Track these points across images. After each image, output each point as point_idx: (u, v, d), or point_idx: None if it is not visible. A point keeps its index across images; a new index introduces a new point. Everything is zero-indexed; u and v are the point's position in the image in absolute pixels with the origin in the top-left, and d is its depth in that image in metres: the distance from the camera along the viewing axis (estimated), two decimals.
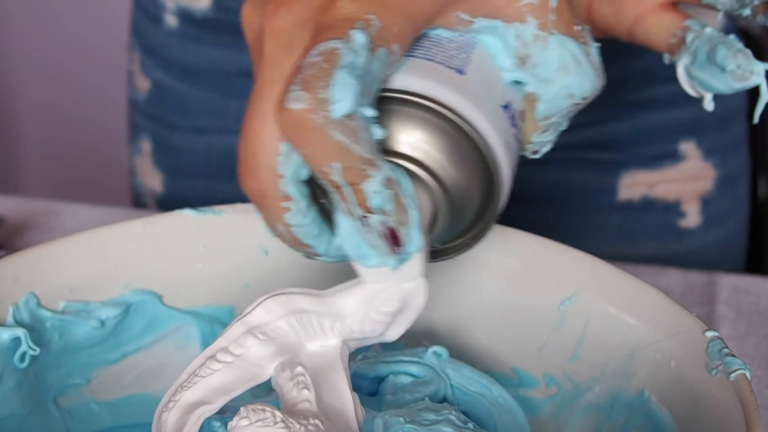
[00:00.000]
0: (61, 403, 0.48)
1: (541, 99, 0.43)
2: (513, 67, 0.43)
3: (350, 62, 0.37)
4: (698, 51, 0.44)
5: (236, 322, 0.43)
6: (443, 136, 0.40)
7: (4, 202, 0.75)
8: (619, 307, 0.47)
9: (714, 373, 0.42)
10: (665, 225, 0.76)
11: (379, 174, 0.38)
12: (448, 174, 0.41)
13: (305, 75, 0.37)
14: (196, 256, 0.51)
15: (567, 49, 0.42)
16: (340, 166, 0.37)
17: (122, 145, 1.75)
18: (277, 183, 0.40)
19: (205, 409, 0.42)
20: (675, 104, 0.74)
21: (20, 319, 0.47)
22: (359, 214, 0.38)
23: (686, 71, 0.45)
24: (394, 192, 0.38)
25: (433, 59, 0.41)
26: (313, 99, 0.37)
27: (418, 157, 0.41)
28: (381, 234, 0.39)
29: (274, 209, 0.41)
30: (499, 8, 0.42)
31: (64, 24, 1.66)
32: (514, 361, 0.50)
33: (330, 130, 0.37)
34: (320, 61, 0.37)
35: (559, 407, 0.48)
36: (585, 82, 0.43)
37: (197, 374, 0.42)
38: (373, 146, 0.38)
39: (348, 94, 0.37)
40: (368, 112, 0.38)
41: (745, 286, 0.67)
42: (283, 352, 0.42)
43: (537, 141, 0.44)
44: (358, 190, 0.38)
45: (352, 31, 0.38)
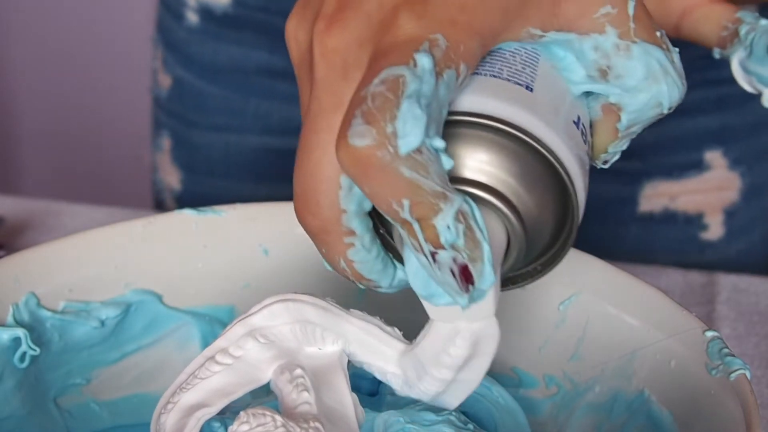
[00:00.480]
0: (61, 403, 0.48)
1: (625, 110, 0.40)
2: (587, 80, 0.40)
3: (416, 90, 0.34)
4: (755, 44, 0.42)
5: (238, 322, 0.42)
6: (515, 158, 0.37)
7: (4, 202, 0.75)
8: (619, 307, 0.47)
9: (714, 373, 0.42)
10: (686, 238, 0.74)
11: (451, 207, 0.35)
12: (521, 199, 0.38)
13: (368, 107, 0.34)
14: (196, 256, 0.51)
15: (652, 57, 0.39)
16: (410, 202, 0.34)
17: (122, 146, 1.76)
18: (340, 218, 0.37)
19: (205, 412, 0.42)
20: (702, 111, 0.72)
21: (20, 319, 0.47)
22: (429, 250, 0.35)
23: (741, 66, 0.43)
24: (466, 226, 0.35)
25: (499, 76, 0.38)
26: (379, 134, 0.34)
27: (489, 183, 0.38)
28: (452, 271, 0.36)
29: (337, 245, 0.38)
30: (574, 21, 0.39)
31: (64, 24, 1.66)
32: (514, 361, 0.50)
33: (398, 167, 0.34)
34: (384, 91, 0.34)
35: (559, 407, 0.48)
36: (674, 89, 0.40)
37: (196, 376, 0.42)
38: (444, 177, 0.35)
39: (416, 127, 0.34)
40: (438, 143, 0.35)
41: (745, 286, 0.67)
42: (282, 355, 0.42)
43: (612, 151, 0.42)
44: (427, 226, 0.35)
45: (417, 55, 0.35)
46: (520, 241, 0.39)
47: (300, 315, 0.42)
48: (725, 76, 0.72)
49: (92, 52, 1.67)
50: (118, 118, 1.71)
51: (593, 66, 0.40)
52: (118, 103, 1.70)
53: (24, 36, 1.68)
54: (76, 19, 1.66)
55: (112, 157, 1.72)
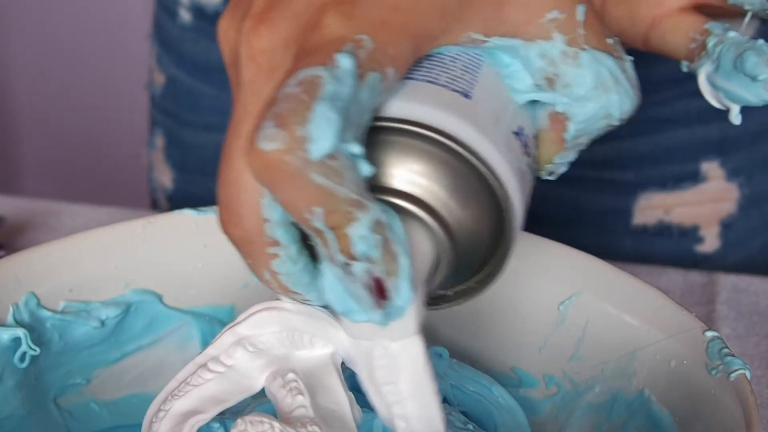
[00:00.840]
0: (61, 403, 0.48)
1: (573, 119, 0.39)
2: (533, 88, 0.38)
3: (332, 92, 0.32)
4: (722, 58, 0.40)
5: (227, 330, 0.42)
6: (447, 169, 0.35)
7: (4, 202, 0.75)
8: (619, 307, 0.47)
9: (714, 373, 0.42)
10: (681, 251, 0.73)
11: (367, 216, 0.33)
12: (452, 213, 0.36)
13: (280, 109, 0.32)
14: (196, 256, 0.51)
15: (602, 65, 0.38)
16: (322, 211, 0.33)
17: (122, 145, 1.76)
18: (263, 228, 0.35)
19: (199, 418, 0.41)
20: (700, 120, 0.71)
21: (20, 319, 0.47)
22: (341, 261, 0.33)
23: (709, 80, 0.41)
24: (383, 237, 0.33)
25: (435, 81, 0.36)
26: (289, 137, 0.32)
27: (418, 194, 0.35)
28: (365, 285, 0.33)
29: (261, 256, 0.36)
30: (519, 26, 0.37)
31: (64, 24, 1.66)
32: (514, 361, 0.50)
33: (309, 173, 0.32)
34: (298, 92, 0.32)
35: (559, 407, 0.48)
36: (625, 100, 0.38)
37: (189, 383, 0.42)
38: (360, 185, 0.33)
39: (328, 131, 0.32)
40: (354, 148, 0.33)
41: (745, 286, 0.66)
42: (273, 362, 0.41)
43: (558, 162, 0.40)
44: (341, 235, 0.33)
45: (338, 55, 0.33)
46: (450, 257, 0.36)
47: (286, 323, 0.40)
48: None
49: (92, 52, 1.67)
50: (118, 118, 1.71)
51: (540, 74, 0.38)
52: (118, 103, 1.70)
53: (24, 36, 1.68)
54: (75, 19, 1.66)
55: (112, 157, 1.72)
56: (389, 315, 0.34)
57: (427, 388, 0.38)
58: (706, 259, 0.73)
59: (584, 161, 0.72)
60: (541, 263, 0.49)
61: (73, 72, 1.69)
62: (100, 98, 1.70)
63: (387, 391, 0.38)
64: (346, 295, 0.34)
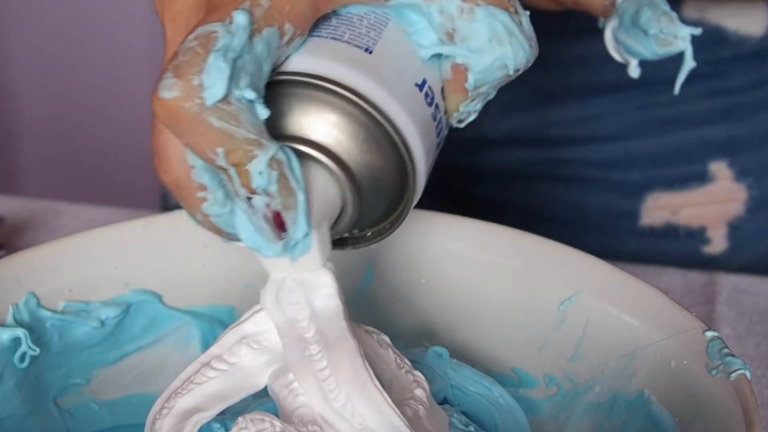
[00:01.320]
0: (61, 403, 0.48)
1: (472, 70, 0.41)
2: (437, 43, 0.41)
3: (225, 45, 0.36)
4: (624, 13, 0.41)
5: (230, 329, 0.42)
6: (347, 118, 0.39)
7: (4, 202, 0.75)
8: (619, 307, 0.47)
9: (714, 373, 0.42)
10: (688, 252, 0.73)
11: (265, 154, 0.36)
12: (353, 159, 0.39)
13: (178, 61, 0.36)
14: (196, 256, 0.51)
15: (497, 20, 0.40)
16: (224, 150, 0.36)
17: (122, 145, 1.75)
18: (190, 173, 0.39)
19: (201, 416, 0.41)
20: (708, 121, 0.71)
21: (20, 319, 0.46)
22: (244, 194, 0.37)
23: (613, 35, 0.42)
24: (280, 173, 0.37)
25: (340, 39, 0.39)
26: (186, 86, 0.35)
27: (322, 141, 0.39)
28: (265, 217, 0.37)
29: (190, 200, 0.39)
30: None
31: (64, 24, 1.66)
32: (514, 361, 0.50)
33: (207, 117, 0.35)
34: (195, 46, 0.36)
35: (559, 407, 0.48)
36: (519, 52, 0.41)
37: (192, 381, 0.42)
38: (259, 127, 0.36)
39: (219, 80, 0.35)
40: (248, 94, 0.36)
41: (745, 286, 0.66)
42: (276, 360, 0.41)
43: (464, 110, 0.42)
44: (242, 171, 0.36)
45: (234, 12, 0.37)
46: (355, 199, 0.39)
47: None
48: (733, 85, 0.71)
49: (92, 51, 1.67)
50: (118, 118, 1.71)
51: (441, 29, 0.40)
52: (118, 103, 1.70)
53: (24, 35, 1.68)
54: (76, 19, 1.66)
55: (113, 157, 1.72)
56: (291, 247, 0.38)
57: (339, 318, 0.41)
58: (713, 261, 0.73)
59: (591, 162, 0.73)
60: (541, 263, 0.49)
61: (73, 72, 1.69)
62: (100, 98, 1.70)
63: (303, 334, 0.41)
64: (255, 233, 0.37)
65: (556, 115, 0.73)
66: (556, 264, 0.49)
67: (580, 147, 0.72)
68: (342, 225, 0.40)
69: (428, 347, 0.48)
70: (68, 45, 1.67)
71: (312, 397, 0.40)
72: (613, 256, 0.72)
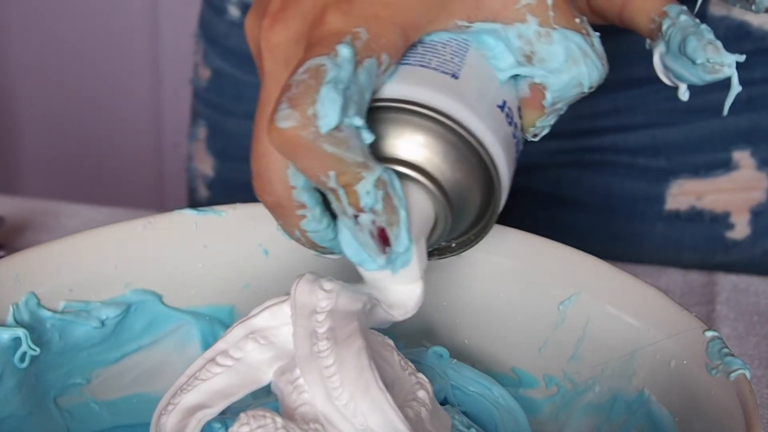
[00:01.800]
0: (61, 403, 0.48)
1: (549, 88, 0.44)
2: (515, 65, 0.43)
3: (335, 77, 0.38)
4: (671, 40, 0.44)
5: (238, 324, 0.42)
6: (438, 139, 0.41)
7: (4, 202, 0.75)
8: (619, 307, 0.47)
9: (714, 373, 0.42)
10: (712, 237, 0.75)
11: (372, 175, 0.39)
12: (445, 176, 0.42)
13: (292, 93, 0.38)
14: (196, 256, 0.51)
15: (572, 42, 0.43)
16: (335, 173, 0.39)
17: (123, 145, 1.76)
18: (291, 193, 0.41)
19: (206, 413, 0.42)
20: (732, 111, 0.72)
21: (20, 319, 0.47)
22: (351, 213, 0.39)
23: (661, 60, 0.45)
24: (385, 192, 0.39)
25: (428, 65, 0.42)
26: (302, 116, 0.38)
27: (416, 161, 0.41)
28: (371, 233, 0.40)
29: (290, 217, 0.42)
30: (497, 12, 0.43)
31: (64, 24, 1.66)
32: (514, 361, 0.50)
33: (321, 144, 0.38)
34: (306, 78, 0.38)
35: (559, 407, 0.48)
36: (593, 71, 0.44)
37: (197, 377, 0.42)
38: (365, 151, 0.39)
39: (332, 109, 0.38)
40: (356, 121, 0.39)
41: (745, 286, 0.67)
42: (282, 356, 0.42)
43: (539, 125, 0.45)
44: (351, 191, 0.39)
45: (339, 46, 0.39)
46: (446, 214, 0.42)
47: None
48: (756, 76, 0.72)
49: (92, 52, 1.67)
50: (118, 118, 1.71)
51: (519, 52, 0.43)
52: (119, 103, 1.70)
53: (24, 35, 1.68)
54: (76, 19, 1.66)
55: (113, 157, 1.72)
56: (393, 261, 0.41)
57: (353, 319, 0.42)
58: (736, 246, 0.74)
59: (619, 148, 0.74)
60: (541, 263, 0.49)
61: (74, 72, 1.69)
62: (101, 98, 1.70)
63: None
64: (359, 248, 0.41)
65: (585, 108, 0.74)
66: (556, 264, 0.49)
67: (608, 136, 0.74)
68: (434, 238, 0.43)
69: (428, 347, 0.48)
70: (68, 45, 1.67)
71: (315, 394, 0.40)
72: (640, 240, 0.74)
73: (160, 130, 1.69)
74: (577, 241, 0.49)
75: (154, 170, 1.71)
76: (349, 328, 0.41)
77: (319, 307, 0.42)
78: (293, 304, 0.42)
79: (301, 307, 0.42)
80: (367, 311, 0.43)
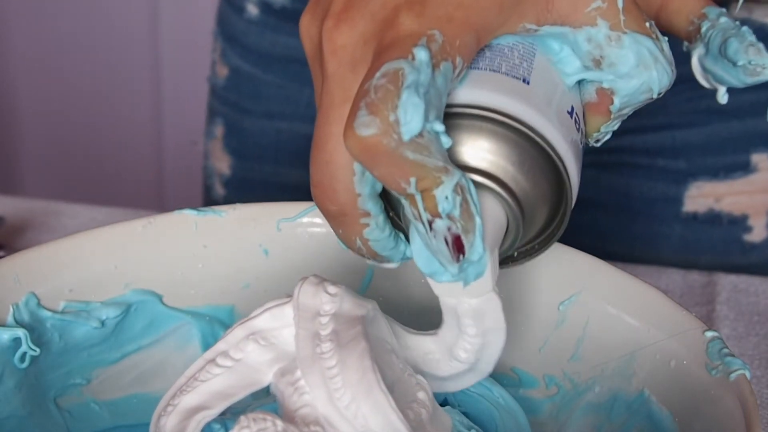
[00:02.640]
0: (61, 403, 0.48)
1: (618, 93, 0.43)
2: (581, 69, 0.43)
3: (415, 81, 0.37)
4: (711, 42, 0.43)
5: (239, 325, 0.42)
6: (513, 147, 0.40)
7: (4, 202, 0.75)
8: (619, 307, 0.47)
9: (714, 373, 0.42)
10: (730, 239, 0.74)
11: (452, 180, 0.37)
12: (518, 184, 0.41)
13: (372, 99, 0.37)
14: (196, 256, 0.51)
15: (643, 46, 0.42)
16: (415, 179, 0.37)
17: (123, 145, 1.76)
18: (356, 201, 0.40)
19: (205, 414, 0.42)
20: (752, 113, 0.73)
21: (20, 319, 0.47)
22: (427, 218, 0.38)
23: (699, 62, 0.44)
24: (463, 198, 0.38)
25: (498, 70, 0.41)
26: (383, 123, 0.36)
27: (490, 170, 0.41)
28: (446, 240, 0.38)
29: (353, 226, 0.41)
30: (567, 16, 0.42)
31: (64, 24, 1.66)
32: (514, 362, 0.50)
33: (403, 152, 0.37)
34: (385, 83, 0.37)
35: (559, 407, 0.48)
36: (663, 76, 0.43)
37: (197, 378, 0.42)
38: (445, 155, 0.38)
39: (416, 114, 0.37)
40: (437, 127, 0.38)
41: (745, 286, 0.67)
42: (282, 358, 0.42)
43: (604, 131, 0.45)
44: (428, 196, 0.37)
45: (415, 49, 0.38)
46: (518, 222, 0.41)
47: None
48: None
49: (93, 52, 1.67)
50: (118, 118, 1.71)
51: (587, 56, 0.42)
52: (119, 104, 1.70)
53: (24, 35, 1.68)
54: (76, 19, 1.66)
55: (113, 157, 1.72)
56: (465, 270, 0.39)
57: (357, 323, 0.42)
58: (755, 249, 0.75)
59: (638, 149, 0.74)
60: (541, 263, 0.49)
61: (74, 72, 1.69)
62: (101, 98, 1.70)
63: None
64: (432, 259, 0.39)
65: None
66: (556, 264, 0.49)
67: (627, 136, 0.74)
68: (504, 248, 0.42)
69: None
70: (68, 45, 1.67)
71: (317, 395, 0.40)
72: (659, 242, 0.75)
73: (160, 130, 1.69)
74: (594, 241, 0.49)
75: (154, 170, 1.71)
76: (352, 332, 0.41)
77: (323, 310, 0.41)
78: (296, 306, 0.42)
79: (305, 310, 0.41)
80: (370, 318, 0.43)
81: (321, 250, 0.51)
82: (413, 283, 0.51)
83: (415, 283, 0.51)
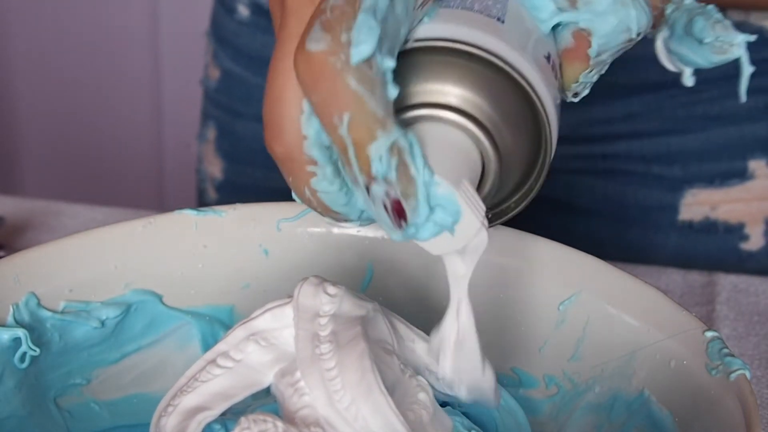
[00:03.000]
0: (61, 403, 0.48)
1: (596, 34, 0.41)
2: (556, 12, 0.41)
3: (373, 5, 0.36)
4: (676, 23, 0.42)
5: (239, 326, 0.42)
6: (491, 85, 0.38)
7: (4, 202, 0.75)
8: (619, 307, 0.47)
9: (714, 373, 0.42)
10: (726, 247, 0.74)
11: (387, 138, 0.35)
12: (495, 125, 0.39)
13: (327, 17, 0.36)
14: (196, 256, 0.51)
15: None
16: (349, 117, 0.35)
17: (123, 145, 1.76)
18: (302, 145, 0.39)
19: (206, 415, 0.42)
20: (749, 119, 0.72)
21: (20, 319, 0.47)
22: (364, 182, 0.36)
23: (665, 45, 0.43)
24: (400, 160, 0.36)
25: (470, 8, 0.39)
26: (334, 41, 0.35)
27: (465, 108, 0.39)
28: (384, 206, 0.36)
29: (299, 173, 0.39)
30: None
31: (64, 24, 1.66)
32: (514, 361, 0.50)
33: (346, 76, 0.35)
34: (342, 4, 0.36)
35: (559, 407, 0.48)
36: (642, 14, 0.41)
37: (197, 379, 0.42)
38: (387, 106, 0.36)
39: (369, 37, 0.35)
40: (388, 62, 0.36)
41: (745, 286, 0.66)
42: (283, 358, 0.42)
43: (582, 81, 0.42)
44: (362, 155, 0.36)
45: None
46: (495, 167, 0.39)
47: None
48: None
49: (93, 52, 1.67)
50: (118, 117, 1.71)
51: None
52: (119, 104, 1.70)
53: (24, 35, 1.68)
54: (76, 19, 1.66)
55: (113, 157, 1.72)
56: (408, 234, 0.37)
57: (356, 323, 0.41)
58: (751, 257, 0.74)
59: (633, 156, 0.73)
60: (541, 263, 0.49)
61: (74, 72, 1.69)
62: (101, 98, 1.70)
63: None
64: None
65: (599, 113, 0.73)
66: (556, 264, 0.49)
67: (622, 142, 0.73)
68: (482, 195, 0.40)
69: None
70: (68, 45, 1.67)
71: (316, 396, 0.40)
72: (654, 250, 0.74)
73: (160, 131, 1.69)
74: (589, 250, 0.49)
75: (154, 170, 1.71)
76: (351, 332, 0.41)
77: (323, 311, 0.41)
78: (296, 307, 0.41)
79: (304, 310, 0.41)
80: (370, 319, 0.43)
81: (321, 250, 0.51)
82: (414, 283, 0.51)
83: (416, 283, 0.51)
